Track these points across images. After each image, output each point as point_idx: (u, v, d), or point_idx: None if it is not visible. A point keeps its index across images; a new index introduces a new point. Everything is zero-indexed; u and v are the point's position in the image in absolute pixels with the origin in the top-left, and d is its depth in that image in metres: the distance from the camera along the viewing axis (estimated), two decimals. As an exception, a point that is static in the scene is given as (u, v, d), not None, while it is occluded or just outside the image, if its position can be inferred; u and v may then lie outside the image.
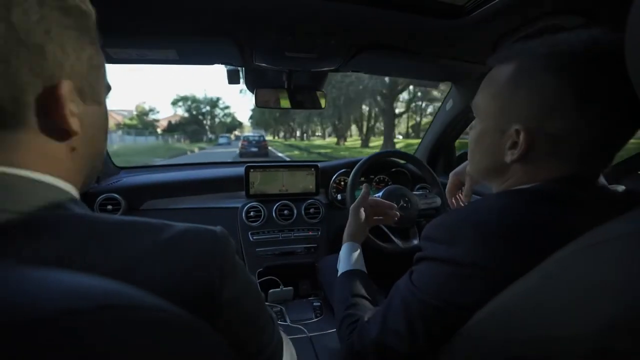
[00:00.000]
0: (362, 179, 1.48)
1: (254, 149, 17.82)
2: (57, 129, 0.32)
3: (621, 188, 0.55)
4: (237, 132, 61.60)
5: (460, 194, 0.85)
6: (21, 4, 0.27)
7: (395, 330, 0.49)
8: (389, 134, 21.02)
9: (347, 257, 0.79)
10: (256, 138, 19.11)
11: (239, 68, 1.14)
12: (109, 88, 0.39)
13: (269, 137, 48.00)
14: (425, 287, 0.47)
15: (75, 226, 0.29)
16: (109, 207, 1.20)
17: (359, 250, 0.82)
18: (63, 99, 0.31)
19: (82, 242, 0.28)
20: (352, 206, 0.88)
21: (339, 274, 0.77)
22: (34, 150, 0.31)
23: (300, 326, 1.00)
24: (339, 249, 1.10)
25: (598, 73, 0.41)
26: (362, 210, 0.87)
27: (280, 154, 19.06)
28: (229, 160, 2.51)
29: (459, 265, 0.44)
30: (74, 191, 0.35)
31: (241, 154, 17.54)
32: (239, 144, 20.01)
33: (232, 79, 1.16)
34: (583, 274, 0.31)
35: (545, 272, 0.35)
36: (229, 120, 63.11)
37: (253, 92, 1.18)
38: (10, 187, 0.29)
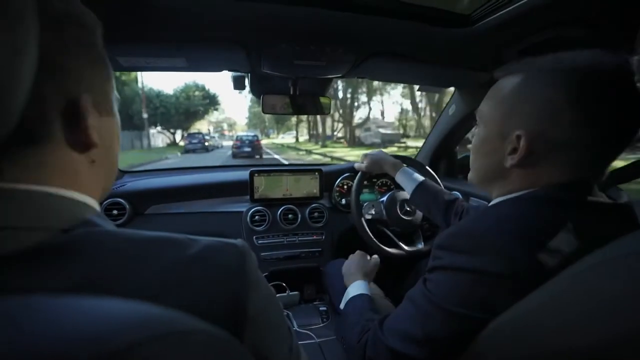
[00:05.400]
0: (366, 182, 1.49)
1: (248, 149, 17.59)
2: (79, 142, 0.33)
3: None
4: (198, 128, 39.22)
5: None
6: (40, 24, 0.27)
7: (413, 339, 0.50)
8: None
9: (361, 287, 0.88)
10: (250, 138, 18.84)
11: (245, 74, 1.15)
12: (117, 99, 0.40)
13: (280, 140, 45.06)
14: (448, 297, 0.48)
15: (106, 245, 0.29)
16: (114, 212, 1.20)
17: (367, 286, 0.92)
18: (85, 113, 0.32)
19: (114, 263, 0.28)
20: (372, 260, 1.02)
21: (351, 296, 0.84)
22: (57, 166, 0.31)
23: (308, 332, 1.00)
24: (343, 253, 1.11)
25: (599, 92, 0.44)
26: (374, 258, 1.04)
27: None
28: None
29: (484, 274, 0.45)
30: (96, 205, 0.35)
31: (234, 155, 17.37)
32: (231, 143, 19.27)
33: (238, 84, 1.17)
34: (595, 288, 0.32)
35: (560, 285, 0.36)
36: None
37: (259, 98, 1.20)
38: (37, 206, 0.29)
